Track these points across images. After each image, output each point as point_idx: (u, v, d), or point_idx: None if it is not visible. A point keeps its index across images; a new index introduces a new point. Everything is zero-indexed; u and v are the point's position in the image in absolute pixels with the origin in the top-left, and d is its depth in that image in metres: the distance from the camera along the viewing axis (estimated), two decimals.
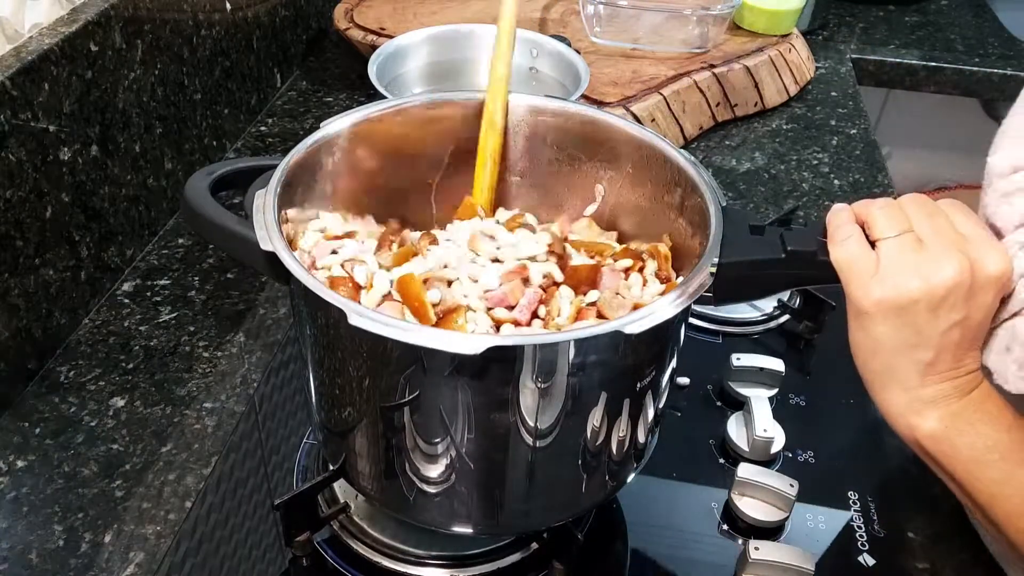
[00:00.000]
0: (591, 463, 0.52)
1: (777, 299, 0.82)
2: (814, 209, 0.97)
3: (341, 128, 0.58)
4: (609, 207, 0.63)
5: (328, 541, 0.61)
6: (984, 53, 1.33)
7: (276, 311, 0.80)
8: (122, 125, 0.79)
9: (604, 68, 1.06)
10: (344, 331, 0.46)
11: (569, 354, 0.45)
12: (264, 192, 0.51)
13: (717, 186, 0.53)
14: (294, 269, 0.46)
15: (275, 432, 0.69)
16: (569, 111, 0.62)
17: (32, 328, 0.71)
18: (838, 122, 1.14)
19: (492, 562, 0.59)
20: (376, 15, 1.15)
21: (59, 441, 0.67)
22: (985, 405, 0.47)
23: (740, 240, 0.50)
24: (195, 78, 0.91)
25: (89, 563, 0.59)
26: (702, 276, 0.47)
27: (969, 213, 0.49)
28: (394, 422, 0.49)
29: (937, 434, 0.47)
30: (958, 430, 0.47)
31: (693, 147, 1.07)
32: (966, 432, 0.47)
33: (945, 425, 0.47)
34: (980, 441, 0.47)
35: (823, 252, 0.49)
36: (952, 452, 0.47)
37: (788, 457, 0.68)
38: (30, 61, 0.67)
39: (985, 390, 0.48)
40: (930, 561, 0.62)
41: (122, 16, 0.77)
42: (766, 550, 0.58)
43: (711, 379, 0.74)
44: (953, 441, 0.47)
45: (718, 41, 1.12)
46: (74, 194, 0.74)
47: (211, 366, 0.74)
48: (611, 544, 0.62)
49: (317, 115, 1.10)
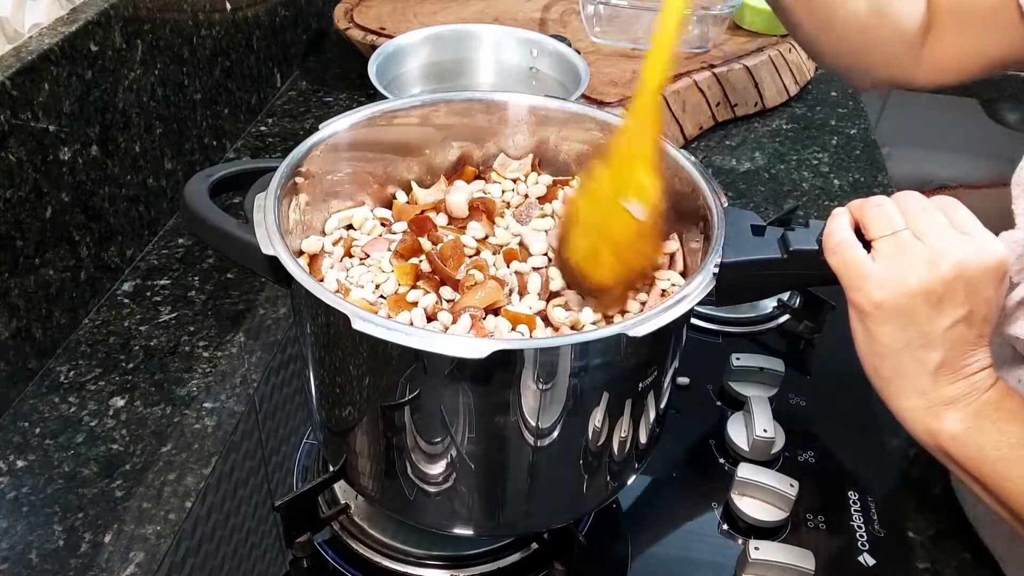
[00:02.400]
0: (592, 464, 0.52)
1: (777, 299, 0.82)
2: (814, 209, 0.97)
3: (341, 129, 0.58)
4: None
5: (328, 542, 0.61)
6: None
7: (276, 311, 0.80)
8: (122, 125, 0.79)
9: (604, 68, 1.06)
10: (346, 334, 0.46)
11: (571, 357, 0.45)
12: (264, 195, 0.51)
13: (718, 186, 0.53)
14: (296, 273, 0.46)
15: (275, 432, 0.69)
16: (569, 111, 0.62)
17: (32, 328, 0.71)
18: (838, 122, 1.14)
19: (492, 562, 0.59)
20: (376, 15, 1.15)
21: (59, 441, 0.67)
22: (1004, 403, 0.47)
23: (741, 241, 0.50)
24: (195, 78, 0.91)
25: (89, 563, 0.59)
26: (705, 277, 0.47)
27: (962, 208, 0.48)
28: (395, 423, 0.49)
29: (960, 436, 0.46)
30: (981, 430, 0.46)
31: (693, 147, 1.07)
32: (989, 431, 0.46)
33: (967, 426, 0.46)
34: (1005, 439, 0.46)
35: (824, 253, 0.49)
36: (978, 454, 0.46)
37: (788, 457, 0.68)
38: (30, 61, 0.67)
39: (1002, 388, 0.47)
40: (930, 561, 0.62)
41: (122, 16, 0.77)
42: (766, 550, 0.58)
43: (711, 379, 0.74)
44: (977, 441, 0.46)
45: (718, 41, 1.11)
46: (74, 194, 0.74)
47: (211, 366, 0.74)
48: (611, 544, 0.62)
49: (317, 115, 1.10)
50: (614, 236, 0.52)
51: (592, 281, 0.53)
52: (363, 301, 0.52)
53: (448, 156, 0.63)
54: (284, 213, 0.52)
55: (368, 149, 0.60)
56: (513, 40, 0.97)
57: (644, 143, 0.52)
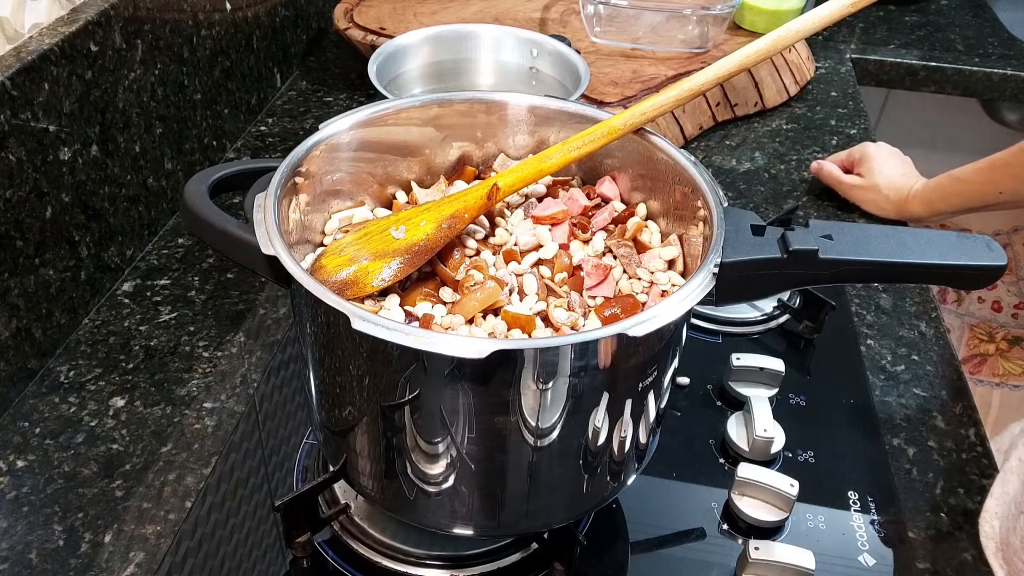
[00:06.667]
0: (592, 464, 0.52)
1: (777, 299, 0.82)
2: (814, 209, 0.97)
3: (341, 129, 0.57)
4: None
5: (328, 542, 0.61)
6: (984, 53, 1.33)
7: (276, 311, 0.80)
8: (122, 125, 0.79)
9: (604, 68, 1.06)
10: (346, 334, 0.46)
11: (571, 357, 0.45)
12: (264, 195, 0.51)
13: (718, 186, 0.53)
14: (296, 273, 0.46)
15: (275, 432, 0.69)
16: (569, 111, 0.62)
17: (32, 328, 0.71)
18: (838, 122, 1.14)
19: (492, 562, 0.59)
20: (376, 15, 1.15)
21: (59, 441, 0.67)
22: None
23: (741, 240, 0.50)
24: (195, 78, 0.91)
25: (89, 563, 0.59)
26: (705, 277, 0.47)
27: None
28: (395, 423, 0.49)
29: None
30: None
31: (693, 147, 1.07)
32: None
33: None
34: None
35: (824, 251, 0.49)
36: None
37: (788, 457, 0.68)
38: (30, 61, 0.67)
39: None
40: (930, 561, 0.62)
41: (122, 16, 0.77)
42: (766, 550, 0.58)
43: (711, 379, 0.74)
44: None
45: (718, 41, 1.12)
46: (74, 194, 0.74)
47: (211, 366, 0.74)
48: (611, 544, 0.62)
49: (317, 115, 1.10)
50: None
51: None
52: None
53: (448, 156, 0.63)
54: (284, 213, 0.52)
55: (368, 149, 0.60)
56: (513, 40, 0.97)
57: None
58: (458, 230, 0.55)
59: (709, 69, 0.56)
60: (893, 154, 0.96)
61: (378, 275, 0.53)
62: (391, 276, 0.53)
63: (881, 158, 0.95)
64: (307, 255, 0.56)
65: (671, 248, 0.57)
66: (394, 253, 0.54)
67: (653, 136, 0.58)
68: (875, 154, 0.95)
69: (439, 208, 0.56)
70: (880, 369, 0.77)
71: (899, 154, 0.96)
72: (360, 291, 0.52)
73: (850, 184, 0.95)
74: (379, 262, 0.53)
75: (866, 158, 0.95)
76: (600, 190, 0.62)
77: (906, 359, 0.78)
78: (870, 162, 0.95)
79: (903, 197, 0.92)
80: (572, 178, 0.64)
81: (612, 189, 0.61)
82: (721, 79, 0.56)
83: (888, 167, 0.94)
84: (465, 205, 0.56)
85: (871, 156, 0.95)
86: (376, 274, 0.53)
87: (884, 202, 0.93)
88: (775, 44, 0.55)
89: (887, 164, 0.94)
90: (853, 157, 0.97)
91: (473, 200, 0.56)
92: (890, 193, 0.92)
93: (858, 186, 0.95)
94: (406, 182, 0.63)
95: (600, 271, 0.55)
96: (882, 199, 0.93)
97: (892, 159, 0.95)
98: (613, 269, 0.56)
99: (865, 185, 0.94)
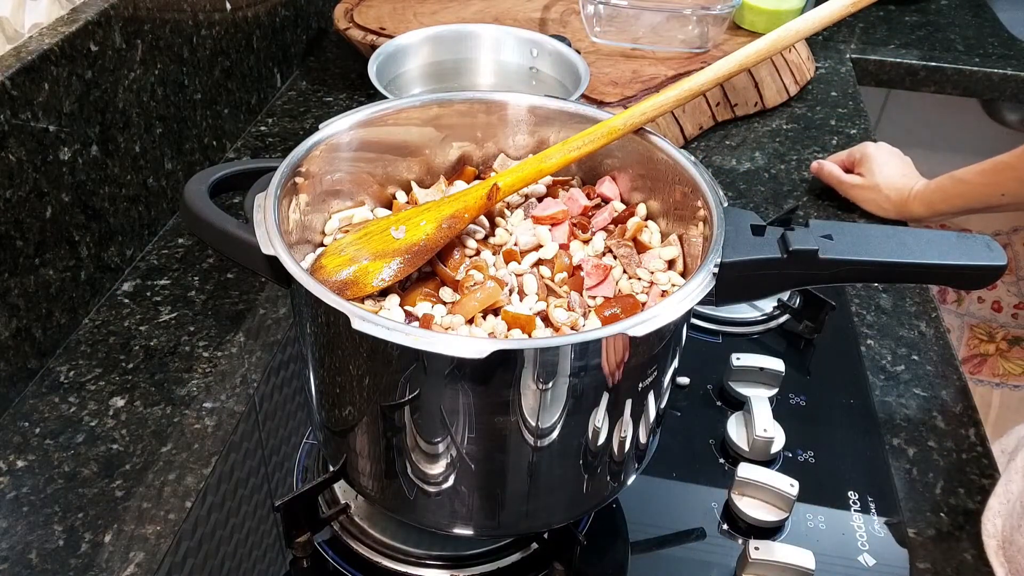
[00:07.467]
0: (592, 464, 0.52)
1: (777, 299, 0.82)
2: (814, 209, 0.97)
3: (341, 129, 0.57)
4: None
5: (328, 542, 0.61)
6: (984, 53, 1.33)
7: (276, 311, 0.80)
8: (122, 125, 0.79)
9: (604, 68, 1.06)
10: (346, 334, 0.46)
11: (571, 357, 0.45)
12: (264, 195, 0.51)
13: (718, 186, 0.53)
14: (296, 273, 0.46)
15: (275, 432, 0.69)
16: (569, 111, 0.62)
17: (32, 328, 0.71)
18: (838, 122, 1.14)
19: (492, 562, 0.59)
20: (376, 15, 1.15)
21: (59, 441, 0.67)
22: None
23: (741, 240, 0.50)
24: (195, 78, 0.91)
25: (89, 563, 0.59)
26: (705, 277, 0.47)
27: None
28: (395, 423, 0.49)
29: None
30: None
31: (693, 147, 1.07)
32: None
33: None
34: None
35: (824, 251, 0.49)
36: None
37: (788, 457, 0.68)
38: (30, 61, 0.67)
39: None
40: (930, 561, 0.62)
41: (122, 16, 0.77)
42: (766, 550, 0.58)
43: (711, 379, 0.74)
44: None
45: (718, 41, 1.12)
46: (74, 194, 0.74)
47: (211, 366, 0.74)
48: (611, 544, 0.62)
49: (317, 115, 1.10)
50: None
51: None
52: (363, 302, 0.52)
53: (448, 156, 0.63)
54: (284, 213, 0.52)
55: (368, 149, 0.60)
56: (513, 40, 0.97)
57: None
58: (458, 230, 0.55)
59: (709, 69, 0.56)
60: (893, 154, 0.96)
61: (378, 275, 0.53)
62: (391, 276, 0.53)
63: (881, 158, 0.95)
64: (307, 255, 0.56)
65: (671, 248, 0.57)
66: (394, 253, 0.54)
67: (653, 136, 0.58)
68: (875, 154, 0.95)
69: (439, 208, 0.56)
70: (880, 369, 0.77)
71: (899, 154, 0.96)
72: (360, 291, 0.52)
73: (850, 184, 0.95)
74: (379, 262, 0.53)
75: (866, 158, 0.95)
76: (600, 190, 0.62)
77: (906, 359, 0.78)
78: (870, 162, 0.95)
79: (903, 197, 0.92)
80: (572, 178, 0.64)
81: (612, 189, 0.61)
82: (721, 79, 0.56)
83: (888, 167, 0.94)
84: (465, 205, 0.56)
85: (871, 156, 0.95)
86: (376, 274, 0.53)
87: (884, 202, 0.93)
88: (775, 44, 0.55)
89: (887, 164, 0.94)
90: (853, 157, 0.97)
91: (473, 200, 0.56)
92: (890, 193, 0.92)
93: (858, 186, 0.95)
94: (406, 182, 0.63)
95: (600, 271, 0.55)
96: (882, 199, 0.93)
97: (892, 159, 0.95)
98: (613, 269, 0.56)
99: (865, 185, 0.94)
